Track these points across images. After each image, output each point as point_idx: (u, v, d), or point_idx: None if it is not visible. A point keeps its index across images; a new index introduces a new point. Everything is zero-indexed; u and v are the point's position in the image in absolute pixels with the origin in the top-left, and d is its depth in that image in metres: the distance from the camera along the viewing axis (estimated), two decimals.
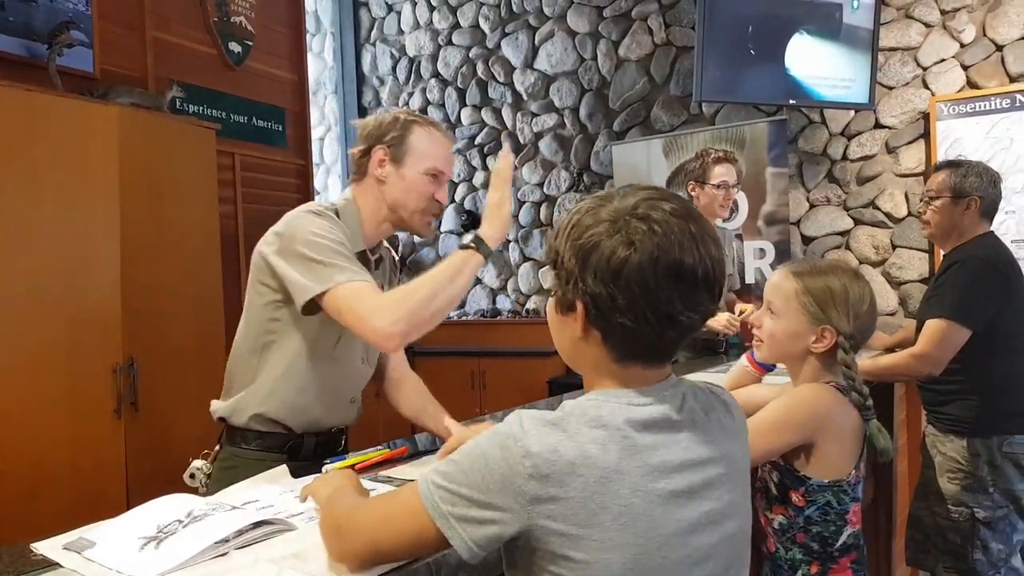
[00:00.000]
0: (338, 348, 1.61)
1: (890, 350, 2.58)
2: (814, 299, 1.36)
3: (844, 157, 3.93)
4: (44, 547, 1.08)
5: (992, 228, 2.34)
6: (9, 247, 2.58)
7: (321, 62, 5.57)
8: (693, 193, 3.05)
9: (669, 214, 0.85)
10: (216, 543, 1.03)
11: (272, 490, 1.33)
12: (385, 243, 1.81)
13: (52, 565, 1.03)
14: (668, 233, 0.84)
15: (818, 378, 1.39)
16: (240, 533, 1.05)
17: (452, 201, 5.27)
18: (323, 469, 1.45)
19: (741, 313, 2.98)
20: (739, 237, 3.88)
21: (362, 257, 1.61)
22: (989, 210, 2.29)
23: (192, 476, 1.60)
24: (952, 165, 2.35)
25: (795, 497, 1.34)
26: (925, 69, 3.72)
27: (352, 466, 1.45)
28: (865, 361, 2.36)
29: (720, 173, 2.96)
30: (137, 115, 3.08)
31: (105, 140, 2.85)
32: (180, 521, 1.08)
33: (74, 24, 3.27)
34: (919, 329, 2.23)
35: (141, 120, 3.08)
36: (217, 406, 1.64)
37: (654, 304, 0.84)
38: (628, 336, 0.86)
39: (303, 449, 1.61)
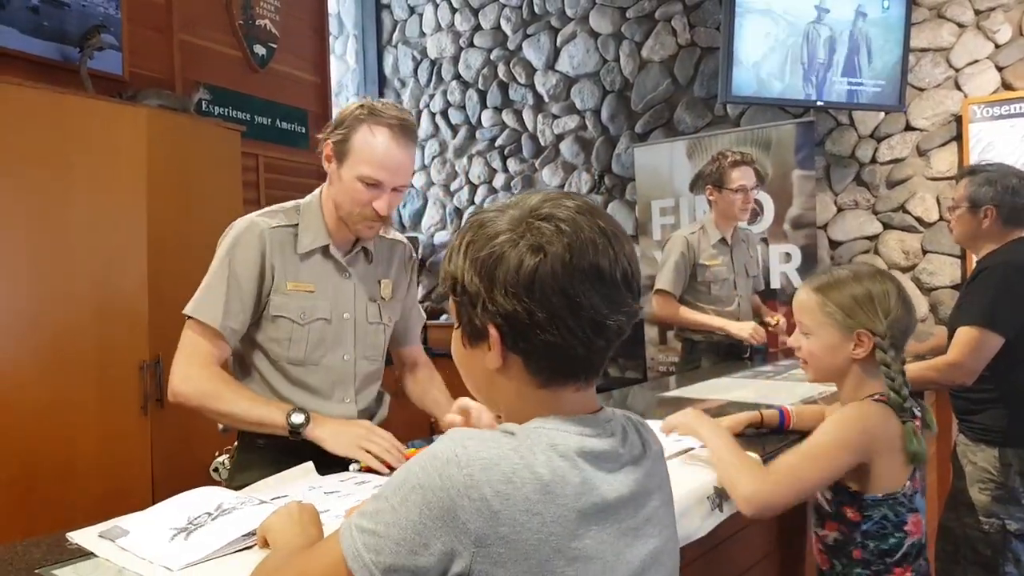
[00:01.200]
0: (311, 354, 1.59)
1: (921, 357, 2.54)
2: (839, 308, 1.35)
3: (873, 160, 3.88)
4: (79, 536, 1.10)
5: None
6: (40, 246, 2.62)
7: (344, 64, 5.61)
8: (711, 198, 3.04)
9: (575, 211, 0.77)
10: (243, 536, 1.03)
11: (300, 486, 1.33)
12: (398, 235, 1.79)
13: (87, 554, 1.04)
14: (577, 231, 0.76)
15: (861, 387, 1.38)
16: None
17: (471, 203, 5.28)
18: (350, 468, 1.45)
19: (772, 325, 2.95)
20: (764, 241, 3.84)
21: (324, 253, 1.60)
22: (1011, 217, 2.22)
23: (215, 470, 1.63)
24: (971, 173, 2.31)
25: (849, 512, 1.33)
26: (958, 70, 3.67)
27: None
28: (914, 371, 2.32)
29: (737, 177, 2.94)
30: (165, 117, 3.12)
31: (134, 141, 2.88)
32: (209, 514, 1.09)
33: (104, 28, 3.32)
34: (951, 336, 2.19)
35: (168, 122, 3.11)
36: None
37: (577, 311, 0.75)
38: (553, 354, 0.76)
39: (310, 450, 1.52)
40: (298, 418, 1.47)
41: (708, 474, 1.33)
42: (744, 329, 2.88)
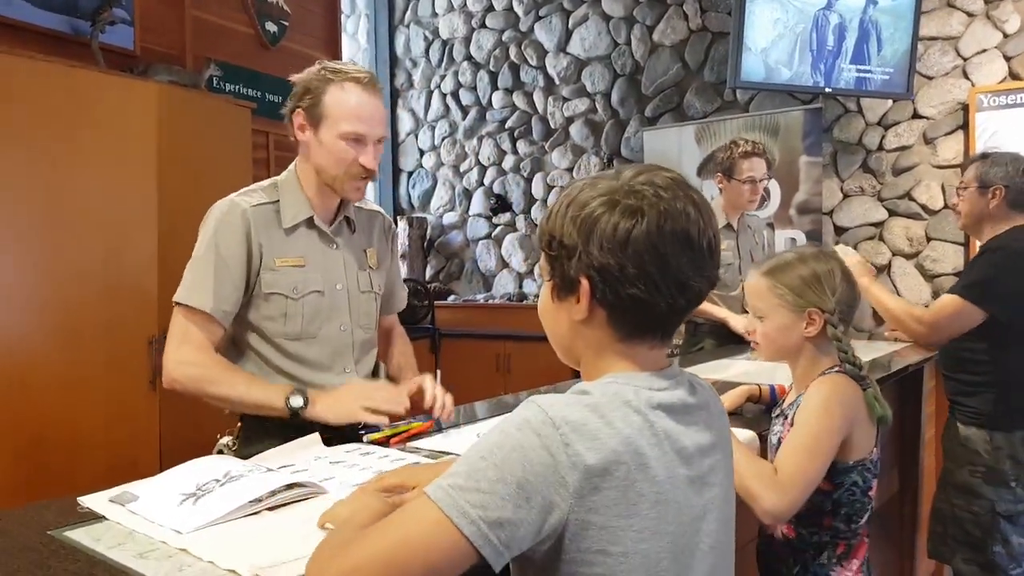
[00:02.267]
0: (307, 327, 1.60)
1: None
2: (789, 289, 1.40)
3: (880, 147, 3.88)
4: (90, 500, 1.13)
5: None
6: (50, 220, 2.65)
7: (355, 43, 5.61)
8: (720, 185, 3.04)
9: (671, 180, 0.84)
10: (250, 502, 1.07)
11: (306, 456, 1.37)
12: (375, 206, 1.80)
13: (98, 517, 1.08)
14: (674, 199, 0.82)
15: (816, 363, 1.42)
16: (273, 494, 1.09)
17: (480, 184, 5.30)
18: (363, 439, 1.49)
19: None
20: (771, 226, 3.85)
21: (309, 225, 1.61)
22: (1018, 200, 2.24)
23: (220, 452, 1.61)
24: (982, 156, 2.33)
25: (821, 483, 1.34)
26: (966, 59, 3.65)
27: (388, 438, 1.48)
28: (880, 291, 2.36)
29: (747, 168, 2.93)
30: (175, 92, 3.14)
31: (144, 117, 2.91)
32: (217, 480, 1.12)
33: (116, 2, 3.34)
34: None
35: (179, 98, 3.13)
36: None
37: (665, 269, 0.81)
38: (638, 308, 0.82)
39: (315, 423, 1.54)
40: (297, 401, 1.47)
41: None
42: (741, 323, 2.91)
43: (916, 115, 3.78)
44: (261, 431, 1.55)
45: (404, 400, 1.52)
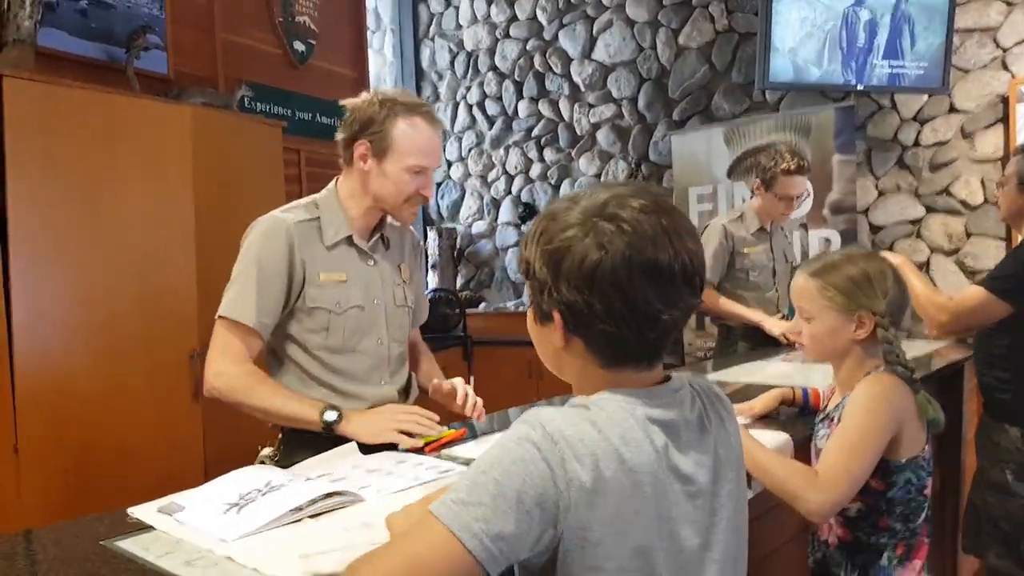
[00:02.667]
0: (348, 341, 1.64)
1: None
2: (839, 291, 1.37)
3: (916, 143, 3.81)
4: (139, 511, 1.17)
5: None
6: (92, 242, 2.72)
7: (381, 58, 5.68)
8: (756, 191, 3.01)
9: (639, 211, 0.81)
10: (291, 510, 1.09)
11: (344, 464, 1.39)
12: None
13: (147, 527, 1.11)
14: (638, 231, 0.80)
15: (861, 365, 1.39)
16: (313, 502, 1.12)
17: (508, 193, 5.32)
18: (399, 447, 1.51)
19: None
20: (804, 226, 3.81)
21: (348, 242, 1.65)
22: None
23: (261, 463, 1.64)
24: (1023, 150, 2.28)
25: (873, 483, 1.33)
26: (1005, 50, 3.58)
27: (424, 446, 1.50)
28: (913, 277, 2.30)
29: (787, 186, 2.89)
30: (209, 114, 3.21)
31: (179, 139, 2.98)
32: (259, 490, 1.15)
33: (150, 28, 3.42)
34: None
35: (212, 119, 3.21)
36: None
37: (632, 306, 0.80)
38: (610, 341, 0.83)
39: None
40: (331, 416, 1.51)
41: None
42: (778, 327, 2.88)
43: (953, 109, 3.71)
44: (301, 443, 1.58)
45: (435, 425, 1.55)
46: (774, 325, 2.90)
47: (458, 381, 1.68)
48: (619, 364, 0.85)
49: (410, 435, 1.51)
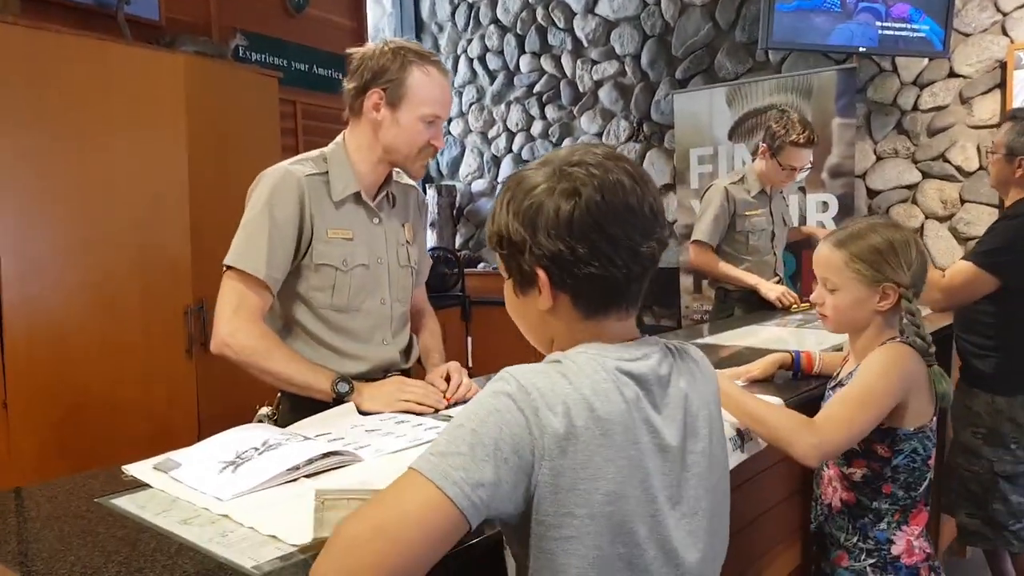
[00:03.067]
0: (353, 300, 1.62)
1: None
2: (866, 263, 1.37)
3: (915, 107, 3.78)
4: (134, 469, 1.17)
5: None
6: (84, 194, 2.69)
7: (380, 8, 5.56)
8: (761, 156, 2.98)
9: (603, 157, 0.86)
10: (288, 470, 1.10)
11: (343, 424, 1.40)
12: (408, 179, 1.81)
13: (142, 485, 1.11)
14: (608, 172, 0.85)
15: (879, 336, 1.41)
16: (311, 462, 1.12)
17: (509, 151, 5.27)
18: None
19: (798, 309, 2.91)
20: (802, 190, 3.79)
21: (356, 199, 1.63)
22: None
23: (260, 422, 1.62)
24: (1013, 118, 2.26)
25: (880, 449, 1.37)
26: (1005, 15, 3.53)
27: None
28: None
29: (794, 157, 2.87)
30: (202, 64, 3.15)
31: (172, 88, 2.92)
32: (256, 448, 1.16)
33: None
34: None
35: (206, 69, 3.14)
36: None
37: (614, 241, 0.84)
38: (597, 284, 0.85)
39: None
40: (344, 387, 1.51)
41: (727, 415, 1.36)
42: (774, 291, 2.90)
43: (952, 74, 3.67)
44: (299, 403, 1.57)
45: (441, 399, 1.54)
46: (770, 289, 2.91)
47: (453, 369, 1.66)
48: (603, 311, 0.88)
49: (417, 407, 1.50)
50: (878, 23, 3.56)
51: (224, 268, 1.55)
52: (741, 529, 1.47)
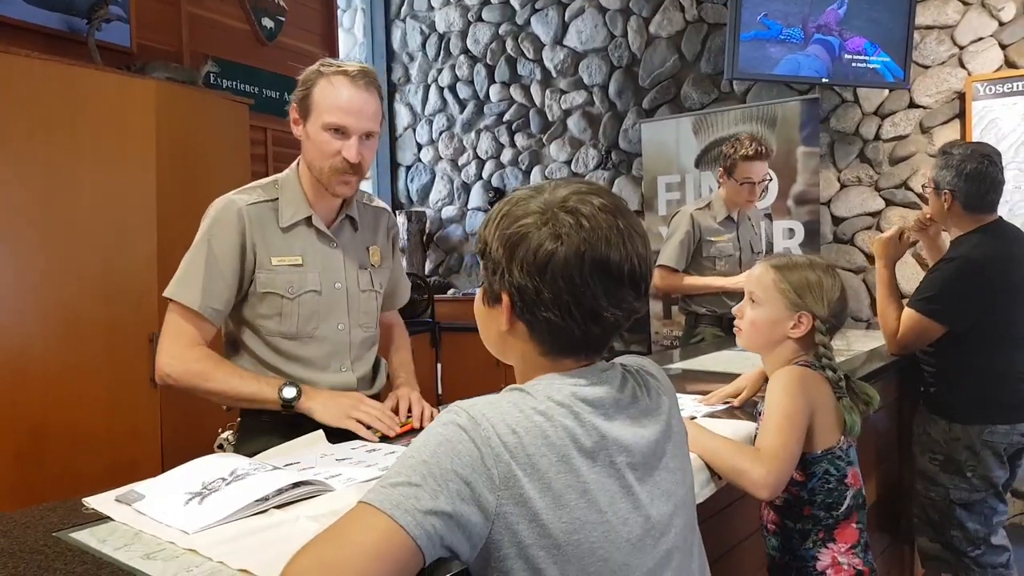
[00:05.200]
0: (303, 327, 1.60)
1: None
2: (792, 287, 1.47)
3: (877, 137, 3.88)
4: (95, 501, 1.14)
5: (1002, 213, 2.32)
6: (49, 218, 2.65)
7: (351, 38, 5.59)
8: (720, 180, 3.04)
9: (598, 209, 0.85)
10: (257, 500, 1.08)
11: (311, 453, 1.38)
12: (380, 203, 1.80)
13: (103, 518, 1.08)
14: (596, 228, 0.84)
15: (790, 358, 1.49)
16: (280, 492, 1.10)
17: (479, 178, 5.29)
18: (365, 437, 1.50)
19: None
20: (768, 216, 3.86)
21: (307, 223, 1.60)
22: (969, 203, 2.23)
23: (220, 447, 1.63)
24: (943, 152, 2.31)
25: (795, 474, 1.42)
26: (962, 48, 3.65)
27: (383, 438, 1.49)
28: (880, 280, 2.40)
29: (747, 170, 2.92)
30: (173, 90, 3.13)
31: (142, 114, 2.90)
32: (224, 479, 1.13)
33: None
34: None
35: (177, 95, 3.13)
36: None
37: (579, 299, 0.83)
38: (553, 331, 0.86)
39: (313, 422, 1.54)
40: (289, 392, 1.49)
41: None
42: (741, 280, 2.87)
43: (912, 104, 3.78)
44: (260, 427, 1.56)
45: (396, 427, 1.53)
46: (738, 281, 2.87)
47: (414, 398, 1.66)
48: (559, 353, 0.88)
49: (368, 428, 1.50)
50: (837, 55, 3.65)
51: (168, 302, 1.55)
52: (716, 560, 1.47)
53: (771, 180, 3.13)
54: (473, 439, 0.77)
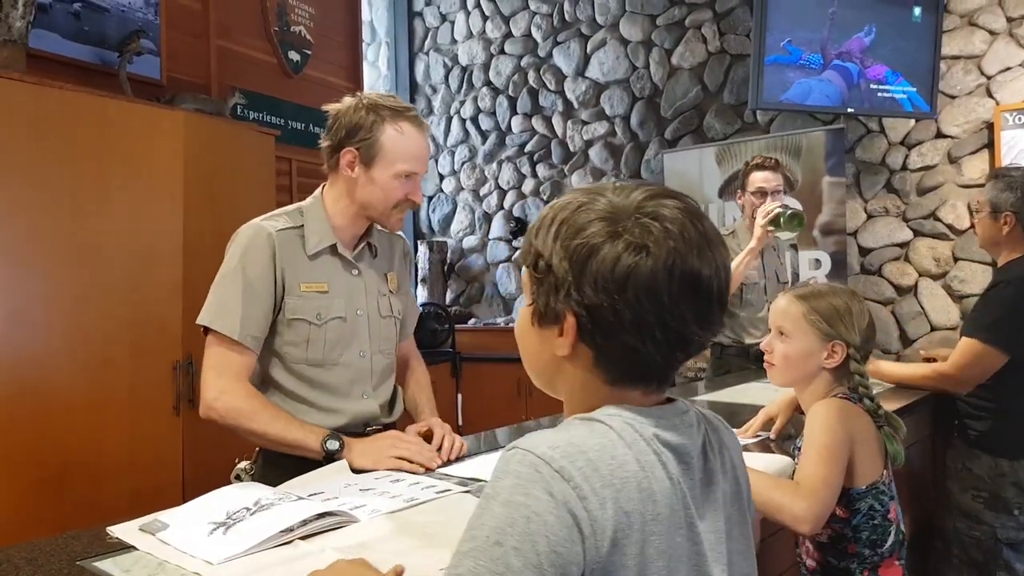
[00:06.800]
0: (329, 354, 1.60)
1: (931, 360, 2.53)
2: (822, 317, 1.44)
3: (904, 167, 3.85)
4: (119, 530, 1.12)
5: None
6: (77, 248, 2.67)
7: (376, 71, 5.67)
8: (740, 202, 3.05)
9: (680, 212, 0.72)
10: (281, 531, 1.06)
11: (335, 483, 1.35)
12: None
13: (127, 547, 1.07)
14: (684, 236, 0.71)
15: (828, 391, 1.45)
16: (305, 523, 1.08)
17: (500, 208, 5.31)
18: None
19: None
20: (794, 247, 3.81)
21: (332, 251, 1.61)
22: None
23: (237, 477, 1.60)
24: (996, 176, 2.28)
25: (838, 510, 1.37)
26: (990, 78, 3.63)
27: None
28: (893, 365, 2.38)
29: (757, 180, 2.93)
30: (201, 121, 3.17)
31: (171, 144, 2.94)
32: (248, 509, 1.12)
33: (143, 33, 3.39)
34: None
35: (204, 126, 3.17)
36: None
37: (664, 321, 0.70)
38: (628, 357, 0.72)
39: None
40: (333, 445, 1.47)
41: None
42: (758, 228, 2.75)
43: (940, 134, 3.75)
44: (279, 457, 1.55)
45: (435, 457, 1.51)
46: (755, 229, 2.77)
47: (436, 426, 1.64)
48: (630, 383, 0.75)
49: (410, 462, 1.48)
50: (855, 82, 3.63)
51: (202, 330, 1.53)
52: None
53: (786, 194, 3.10)
54: (564, 503, 0.63)
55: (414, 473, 1.44)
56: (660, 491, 0.69)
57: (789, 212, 2.71)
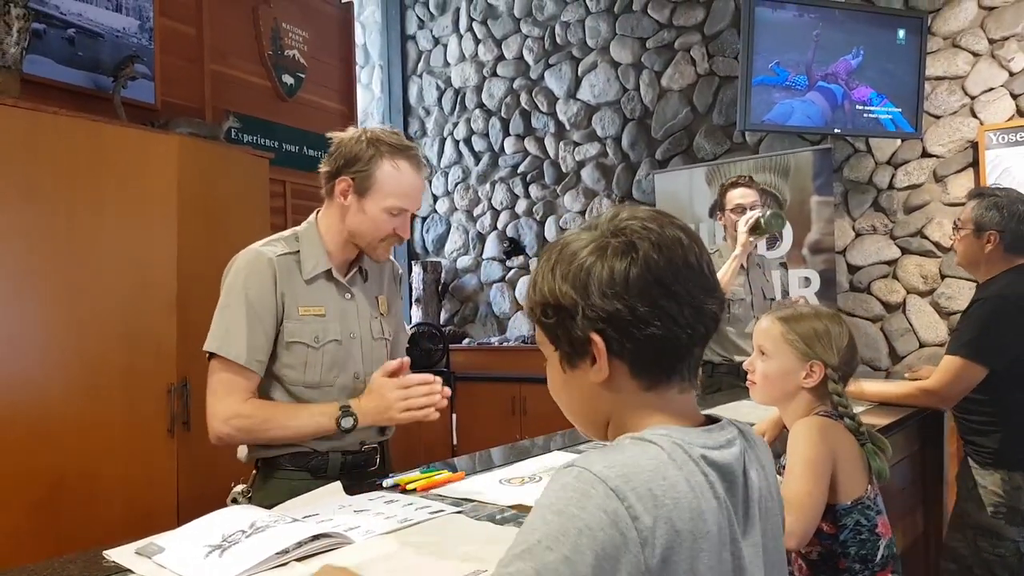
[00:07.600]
0: (326, 376, 1.63)
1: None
2: (800, 338, 1.49)
3: (891, 186, 3.90)
4: (116, 554, 1.13)
5: None
6: (71, 272, 2.68)
7: (369, 93, 5.72)
8: (721, 222, 3.12)
9: (653, 212, 0.80)
10: (277, 553, 1.07)
11: (330, 505, 1.37)
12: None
13: (123, 571, 1.08)
14: (663, 227, 0.78)
15: (809, 409, 1.49)
16: (300, 545, 1.09)
17: (494, 228, 5.34)
18: (383, 484, 1.50)
19: None
20: (783, 266, 3.85)
21: (327, 276, 1.65)
22: (1014, 244, 2.21)
23: (234, 501, 1.62)
24: (979, 195, 2.30)
25: (825, 527, 1.40)
26: (973, 98, 3.69)
27: (409, 483, 1.49)
28: (876, 385, 2.39)
29: (735, 197, 3.00)
30: (195, 144, 3.20)
31: (165, 168, 2.96)
32: (243, 531, 1.13)
33: (137, 58, 3.42)
34: None
35: (199, 149, 3.19)
36: (242, 452, 1.66)
37: (677, 299, 0.75)
38: (659, 347, 0.76)
39: (329, 467, 1.62)
40: (348, 423, 1.53)
41: None
42: (742, 234, 2.82)
43: (925, 154, 3.81)
44: (275, 479, 1.59)
45: (436, 388, 1.56)
46: (741, 233, 2.82)
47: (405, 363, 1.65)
48: (664, 381, 0.78)
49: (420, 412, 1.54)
50: (839, 103, 3.69)
51: (207, 355, 1.56)
52: None
53: (761, 205, 3.13)
54: (616, 522, 0.65)
55: (429, 419, 1.52)
56: (708, 510, 0.71)
57: (769, 212, 2.77)
